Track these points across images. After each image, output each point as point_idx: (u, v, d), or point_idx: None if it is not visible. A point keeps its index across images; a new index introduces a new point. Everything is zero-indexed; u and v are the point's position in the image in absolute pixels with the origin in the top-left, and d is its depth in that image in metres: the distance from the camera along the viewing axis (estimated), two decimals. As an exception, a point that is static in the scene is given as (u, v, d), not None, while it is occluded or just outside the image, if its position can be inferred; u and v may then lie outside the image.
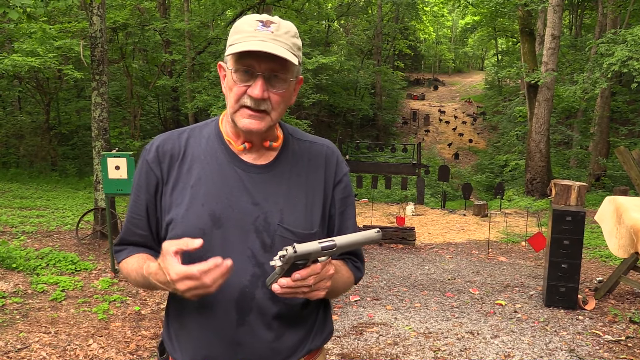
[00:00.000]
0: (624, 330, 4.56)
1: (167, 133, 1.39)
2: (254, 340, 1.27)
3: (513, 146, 22.67)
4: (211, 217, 1.26)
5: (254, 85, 1.22)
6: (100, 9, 7.01)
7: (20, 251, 6.00)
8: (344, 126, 28.56)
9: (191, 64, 16.89)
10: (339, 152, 1.46)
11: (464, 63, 60.13)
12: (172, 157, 1.33)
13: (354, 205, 1.48)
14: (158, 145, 1.34)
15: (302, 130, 1.47)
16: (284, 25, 1.24)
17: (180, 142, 1.35)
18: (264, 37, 1.20)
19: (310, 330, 1.37)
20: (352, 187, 1.52)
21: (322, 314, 1.41)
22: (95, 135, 7.12)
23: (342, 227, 1.42)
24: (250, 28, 1.21)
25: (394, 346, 4.19)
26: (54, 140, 17.60)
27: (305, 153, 1.38)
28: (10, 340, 3.89)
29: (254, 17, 1.24)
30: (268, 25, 1.21)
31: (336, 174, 1.40)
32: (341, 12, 28.66)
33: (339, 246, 1.11)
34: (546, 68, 14.95)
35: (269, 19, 1.23)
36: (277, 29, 1.22)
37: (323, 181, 1.37)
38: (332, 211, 1.40)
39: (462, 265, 7.25)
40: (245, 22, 1.23)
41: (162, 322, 4.54)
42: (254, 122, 1.24)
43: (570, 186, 5.47)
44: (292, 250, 1.07)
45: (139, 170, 1.35)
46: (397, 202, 15.91)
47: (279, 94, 1.24)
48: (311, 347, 1.37)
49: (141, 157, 1.36)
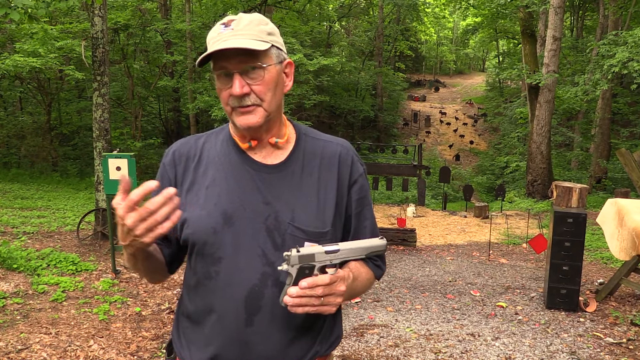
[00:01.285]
0: (625, 332, 4.55)
1: (186, 138, 1.44)
2: (262, 340, 1.27)
3: (514, 148, 22.65)
4: (223, 215, 1.28)
5: (232, 85, 1.24)
6: (101, 10, 7.01)
7: (21, 252, 6.00)
8: (345, 127, 28.56)
9: (192, 64, 16.90)
10: (355, 152, 1.46)
11: (465, 64, 60.14)
12: (187, 160, 1.37)
13: (371, 206, 1.47)
14: (175, 150, 1.40)
15: (317, 130, 1.48)
16: (246, 17, 1.26)
17: (197, 146, 1.39)
18: (226, 36, 1.23)
19: (319, 333, 1.36)
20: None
21: (331, 318, 1.40)
22: (97, 135, 7.13)
23: (359, 227, 1.42)
24: (214, 34, 1.25)
25: (395, 348, 4.18)
26: (55, 140, 17.61)
27: (318, 152, 1.38)
28: (10, 341, 3.89)
29: (218, 23, 1.27)
30: (229, 25, 1.24)
31: (351, 175, 1.39)
32: (342, 14, 28.68)
33: (342, 251, 1.13)
34: (547, 70, 14.94)
35: (230, 18, 1.26)
36: (237, 24, 1.24)
37: (336, 181, 1.36)
38: (349, 212, 1.39)
39: (463, 267, 7.24)
40: (212, 30, 1.27)
41: (162, 323, 4.54)
42: (248, 117, 1.27)
43: (572, 188, 5.46)
44: (296, 251, 1.10)
45: (158, 173, 1.41)
46: (398, 204, 15.90)
47: (260, 83, 1.25)
48: (318, 349, 1.35)
49: (161, 161, 1.43)
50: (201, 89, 15.67)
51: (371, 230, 1.44)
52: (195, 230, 1.28)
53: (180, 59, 16.84)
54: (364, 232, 1.42)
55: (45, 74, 14.97)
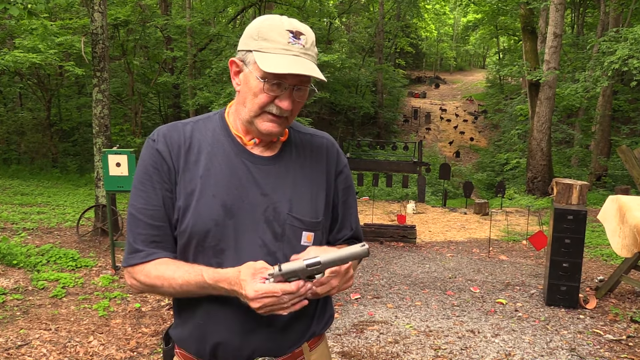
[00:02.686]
0: (625, 329, 4.56)
1: (171, 124, 1.39)
2: (263, 329, 1.30)
3: (514, 144, 22.60)
4: (223, 208, 1.28)
5: (283, 98, 1.26)
6: (101, 6, 6.99)
7: (20, 248, 6.01)
8: (345, 124, 28.52)
9: (192, 60, 16.86)
10: (337, 144, 1.52)
11: (465, 61, 60.03)
12: (179, 147, 1.33)
13: (355, 195, 1.55)
14: (165, 135, 1.34)
15: (300, 123, 1.51)
16: (310, 34, 1.27)
17: (185, 133, 1.35)
18: (297, 51, 1.24)
19: (314, 315, 1.41)
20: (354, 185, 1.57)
21: (322, 299, 1.44)
22: (96, 132, 7.12)
23: (346, 215, 1.49)
24: (281, 39, 1.23)
25: (395, 344, 4.19)
26: (55, 136, 17.59)
27: (307, 145, 1.43)
28: (10, 337, 3.89)
29: (283, 26, 1.25)
30: (298, 37, 1.24)
31: (337, 165, 1.46)
32: (343, 10, 28.60)
33: (323, 263, 1.16)
34: (548, 66, 14.91)
35: (297, 28, 1.25)
36: (306, 41, 1.25)
37: (325, 172, 1.42)
38: (336, 200, 1.46)
39: (463, 264, 7.25)
40: (273, 30, 1.24)
41: (162, 319, 4.54)
42: (276, 126, 1.29)
43: (572, 185, 5.45)
44: (278, 269, 1.14)
45: (148, 161, 1.32)
46: (398, 200, 15.90)
47: (300, 101, 1.29)
48: (314, 330, 1.41)
49: (148, 147, 1.33)
50: (201, 85, 15.63)
51: (355, 218, 1.52)
52: (196, 222, 1.27)
53: (181, 55, 16.80)
54: (349, 219, 1.50)
55: (45, 70, 14.93)
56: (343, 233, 1.49)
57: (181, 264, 1.29)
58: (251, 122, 1.30)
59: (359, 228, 1.54)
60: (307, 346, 1.41)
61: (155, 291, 1.33)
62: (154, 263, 1.30)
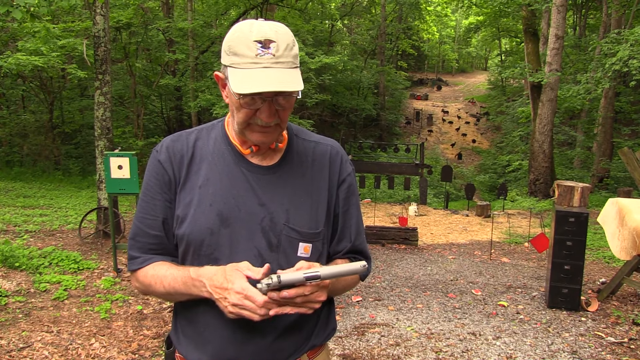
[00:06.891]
0: (626, 332, 4.54)
1: (176, 134, 1.41)
2: (259, 339, 1.29)
3: (516, 146, 22.59)
4: (219, 216, 1.28)
5: (262, 110, 1.23)
6: (103, 8, 7.01)
7: (23, 250, 6.02)
8: (347, 126, 28.51)
9: (194, 63, 16.91)
10: (344, 152, 1.47)
11: (467, 63, 59.97)
12: (182, 157, 1.35)
13: (359, 206, 1.49)
14: (168, 146, 1.36)
15: (307, 130, 1.48)
16: (282, 39, 1.20)
17: (189, 143, 1.37)
18: (267, 62, 1.18)
19: (314, 327, 1.39)
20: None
21: (325, 311, 1.44)
22: (98, 134, 7.13)
23: (345, 226, 1.44)
24: (249, 52, 1.18)
25: (396, 347, 4.18)
26: (58, 139, 17.62)
27: (309, 153, 1.40)
28: (12, 339, 3.90)
29: (250, 37, 1.19)
30: (267, 47, 1.18)
31: (340, 174, 1.42)
32: (345, 12, 28.65)
33: (322, 277, 1.15)
34: (550, 68, 14.90)
35: (266, 36, 1.18)
36: (277, 48, 1.18)
37: (327, 181, 1.39)
38: (337, 210, 1.42)
39: (464, 266, 7.24)
40: (242, 43, 1.19)
41: (164, 321, 4.54)
42: (266, 135, 1.28)
43: (574, 187, 5.45)
44: (277, 280, 1.13)
45: (151, 171, 1.36)
46: (399, 202, 15.89)
47: (286, 108, 1.26)
48: (314, 342, 1.40)
49: (152, 158, 1.37)
50: (203, 87, 15.68)
51: (356, 230, 1.46)
52: (192, 231, 1.29)
53: (183, 57, 16.84)
54: (349, 231, 1.44)
55: (47, 73, 14.96)
56: (343, 245, 1.44)
57: (176, 266, 1.32)
58: (242, 132, 1.30)
59: (361, 240, 1.48)
60: (307, 357, 1.40)
61: (151, 290, 1.35)
62: (152, 265, 1.34)
